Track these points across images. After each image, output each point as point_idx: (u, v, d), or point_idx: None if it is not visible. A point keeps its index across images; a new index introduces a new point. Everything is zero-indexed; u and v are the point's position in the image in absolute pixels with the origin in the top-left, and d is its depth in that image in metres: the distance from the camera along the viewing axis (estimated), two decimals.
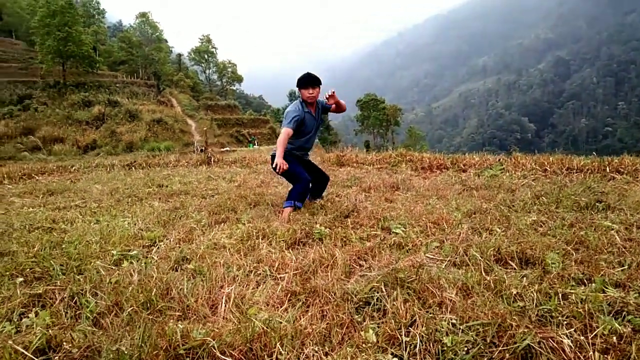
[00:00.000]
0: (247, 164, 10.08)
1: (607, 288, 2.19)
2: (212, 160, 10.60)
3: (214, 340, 1.75)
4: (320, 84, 4.67)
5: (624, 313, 1.94)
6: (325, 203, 4.67)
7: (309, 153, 5.23)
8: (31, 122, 37.53)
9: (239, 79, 77.33)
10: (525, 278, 2.36)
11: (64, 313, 2.17)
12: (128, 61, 62.56)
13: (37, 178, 8.09)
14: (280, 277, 2.54)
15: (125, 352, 1.65)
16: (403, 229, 3.56)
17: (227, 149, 35.83)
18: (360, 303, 2.15)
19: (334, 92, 4.79)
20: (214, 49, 76.35)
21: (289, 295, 2.28)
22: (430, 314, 1.95)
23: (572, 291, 2.14)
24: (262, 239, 3.43)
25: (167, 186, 6.97)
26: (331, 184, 6.49)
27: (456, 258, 2.75)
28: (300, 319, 1.99)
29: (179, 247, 3.32)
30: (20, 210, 5.08)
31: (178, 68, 74.39)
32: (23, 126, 36.89)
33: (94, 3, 69.04)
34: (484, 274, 2.41)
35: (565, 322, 1.86)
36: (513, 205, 4.42)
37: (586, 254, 2.74)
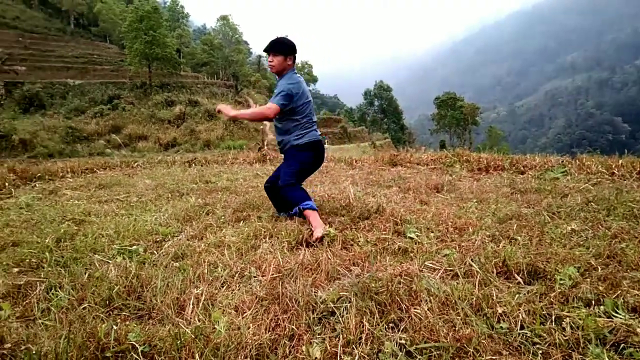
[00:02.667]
0: None
1: (617, 312, 1.85)
2: (267, 158, 10.69)
3: (147, 344, 1.66)
4: (286, 51, 3.82)
5: (623, 345, 1.61)
6: (352, 203, 4.46)
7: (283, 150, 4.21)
8: (119, 121, 40.17)
9: (314, 80, 78.21)
10: (522, 295, 2.06)
11: (35, 306, 2.18)
12: (209, 63, 65.31)
13: (98, 172, 8.56)
14: (261, 280, 2.42)
15: (45, 352, 1.59)
16: (418, 233, 3.31)
17: None
18: (325, 313, 1.97)
19: (219, 110, 3.94)
20: None
21: (257, 300, 2.15)
22: (382, 331, 1.73)
23: (568, 314, 1.82)
24: (269, 239, 3.33)
25: (213, 183, 7.07)
26: (371, 184, 6.27)
27: (460, 268, 2.48)
28: (250, 327, 1.85)
29: (187, 243, 3.30)
30: (65, 202, 5.33)
31: (257, 69, 76.50)
32: (112, 124, 39.60)
33: (179, 8, 72.55)
34: (476, 287, 2.14)
35: (542, 351, 1.57)
36: (558, 212, 3.99)
37: (614, 270, 2.37)
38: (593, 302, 1.98)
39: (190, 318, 2.04)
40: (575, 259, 2.54)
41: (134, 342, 1.67)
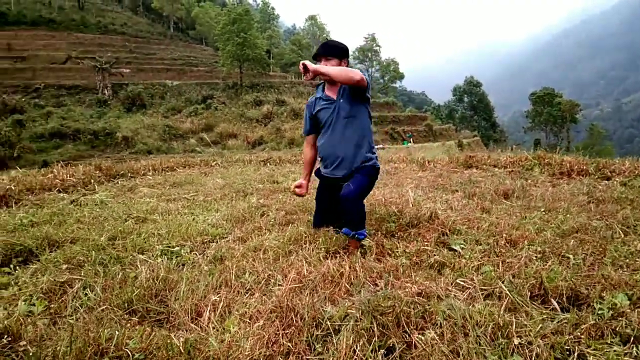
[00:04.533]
0: None
1: None
2: None
3: (143, 351, 1.69)
4: (340, 55, 3.34)
5: None
6: (404, 208, 4.28)
7: (338, 172, 3.39)
8: (211, 120, 42.11)
9: (401, 77, 77.04)
10: (551, 324, 1.85)
11: (69, 304, 2.32)
12: (297, 62, 66.65)
13: (177, 170, 9.03)
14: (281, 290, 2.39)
15: (45, 354, 1.68)
16: (463, 245, 3.11)
17: (380, 146, 35.94)
18: (331, 330, 1.89)
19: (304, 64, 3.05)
20: (377, 47, 77.31)
21: (269, 311, 2.12)
22: (372, 358, 1.62)
23: (595, 351, 1.60)
24: (309, 245, 3.29)
25: (280, 183, 7.18)
26: (436, 188, 6.03)
27: (495, 287, 2.28)
28: (249, 340, 1.82)
29: (229, 246, 3.36)
30: (137, 200, 5.66)
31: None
32: (205, 123, 41.61)
33: (270, 9, 74.73)
34: (501, 312, 1.95)
35: None
36: (634, 226, 3.58)
37: None
38: (632, 339, 1.73)
39: (206, 325, 2.07)
40: (632, 284, 2.25)
41: (129, 350, 1.71)
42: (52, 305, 2.29)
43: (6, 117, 36.92)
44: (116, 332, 1.80)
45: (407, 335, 1.79)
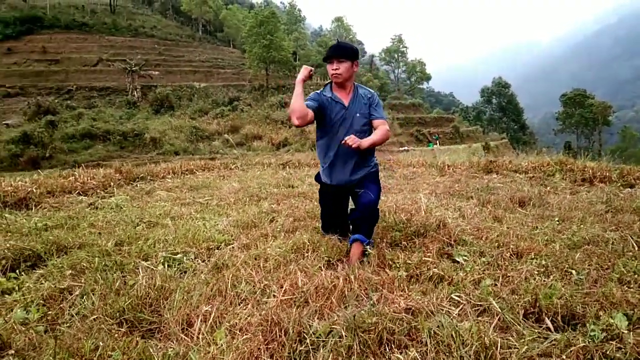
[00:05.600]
0: (390, 166, 9.84)
1: None
2: None
3: None
4: (352, 56, 3.31)
5: None
6: (413, 216, 4.22)
7: (355, 176, 3.45)
8: (237, 121, 42.54)
9: (427, 78, 76.33)
10: (539, 345, 1.79)
11: (67, 311, 2.37)
12: (323, 64, 66.77)
13: (197, 173, 9.13)
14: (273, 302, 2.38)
15: None
16: (466, 257, 3.05)
17: (406, 148, 35.73)
18: (314, 346, 1.88)
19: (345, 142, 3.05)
20: (404, 49, 76.86)
21: (257, 324, 2.12)
22: None
23: None
24: (311, 253, 3.28)
25: (295, 187, 7.18)
26: (451, 194, 5.93)
27: (490, 304, 2.23)
28: (231, 354, 1.82)
29: (233, 253, 3.37)
30: (153, 204, 5.74)
31: (369, 69, 76.67)
32: (231, 125, 42.07)
33: (296, 12, 75.09)
34: (490, 330, 1.91)
35: None
36: None
37: None
38: None
39: (196, 336, 2.08)
40: (635, 303, 2.17)
41: None
42: (50, 313, 2.34)
43: (40, 118, 38.13)
44: (100, 342, 1.82)
45: (383, 355, 1.77)
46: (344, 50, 3.32)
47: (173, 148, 35.91)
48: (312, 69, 3.33)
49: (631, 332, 1.87)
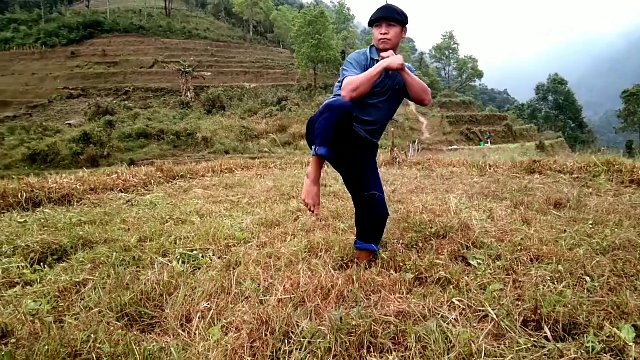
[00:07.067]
0: (429, 166, 9.65)
1: None
2: (398, 161, 10.49)
3: (112, 355, 1.77)
4: (404, 21, 2.90)
5: None
6: (436, 217, 4.11)
7: (372, 139, 3.08)
8: (285, 121, 43.02)
9: (479, 75, 74.31)
10: (530, 354, 1.71)
11: (78, 304, 2.47)
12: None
13: (235, 172, 9.31)
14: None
15: (19, 353, 1.80)
16: (480, 261, 2.95)
17: (455, 147, 34.96)
18: (298, 347, 1.87)
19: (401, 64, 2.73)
20: (455, 45, 75.25)
21: (249, 322, 2.13)
22: None
23: None
24: (325, 253, 3.27)
25: (329, 187, 7.18)
26: (485, 195, 5.75)
27: (494, 310, 2.15)
28: (213, 353, 1.85)
29: (247, 251, 3.41)
30: (187, 202, 5.91)
31: (419, 66, 75.57)
32: (279, 124, 42.60)
33: (345, 11, 75.08)
34: (481, 338, 1.84)
35: None
36: None
37: None
38: None
39: (193, 332, 2.12)
40: None
41: (102, 354, 1.80)
42: (62, 305, 2.45)
43: (99, 118, 40.08)
44: (92, 335, 1.89)
45: (368, 358, 1.74)
46: (396, 12, 2.88)
47: (223, 147, 36.79)
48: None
49: (637, 345, 1.75)
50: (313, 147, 2.72)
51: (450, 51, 74.17)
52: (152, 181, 7.58)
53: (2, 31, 70.94)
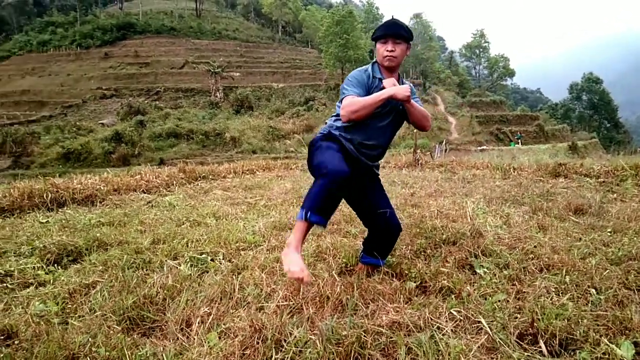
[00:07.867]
0: (452, 168, 9.53)
1: None
2: (420, 162, 10.39)
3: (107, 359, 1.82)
4: (409, 38, 2.78)
5: None
6: (449, 223, 4.06)
7: (374, 164, 2.97)
8: (312, 121, 43.14)
9: (511, 73, 72.82)
10: None
11: (85, 306, 2.54)
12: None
13: (257, 173, 9.39)
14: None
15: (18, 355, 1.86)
16: (487, 270, 2.90)
17: (485, 147, 34.38)
18: (291, 354, 1.88)
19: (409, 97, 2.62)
20: (486, 44, 74.04)
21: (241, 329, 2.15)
22: None
23: None
24: (332, 258, 3.28)
25: None
26: (504, 200, 5.63)
27: (489, 322, 2.11)
28: (207, 356, 1.88)
29: (255, 255, 3.45)
30: (206, 203, 5.99)
31: (448, 65, 74.65)
32: (305, 124, 42.75)
33: (374, 9, 74.77)
34: (472, 352, 1.81)
35: None
36: None
37: None
38: None
39: (193, 336, 2.16)
40: None
41: (98, 357, 1.85)
42: (69, 307, 2.53)
43: (131, 118, 41.00)
44: (89, 338, 1.95)
45: None
46: (403, 29, 2.77)
47: (251, 147, 37.16)
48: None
49: None
50: (302, 211, 2.39)
51: (481, 50, 73.09)
52: (175, 182, 7.71)
53: (40, 34, 73.46)
